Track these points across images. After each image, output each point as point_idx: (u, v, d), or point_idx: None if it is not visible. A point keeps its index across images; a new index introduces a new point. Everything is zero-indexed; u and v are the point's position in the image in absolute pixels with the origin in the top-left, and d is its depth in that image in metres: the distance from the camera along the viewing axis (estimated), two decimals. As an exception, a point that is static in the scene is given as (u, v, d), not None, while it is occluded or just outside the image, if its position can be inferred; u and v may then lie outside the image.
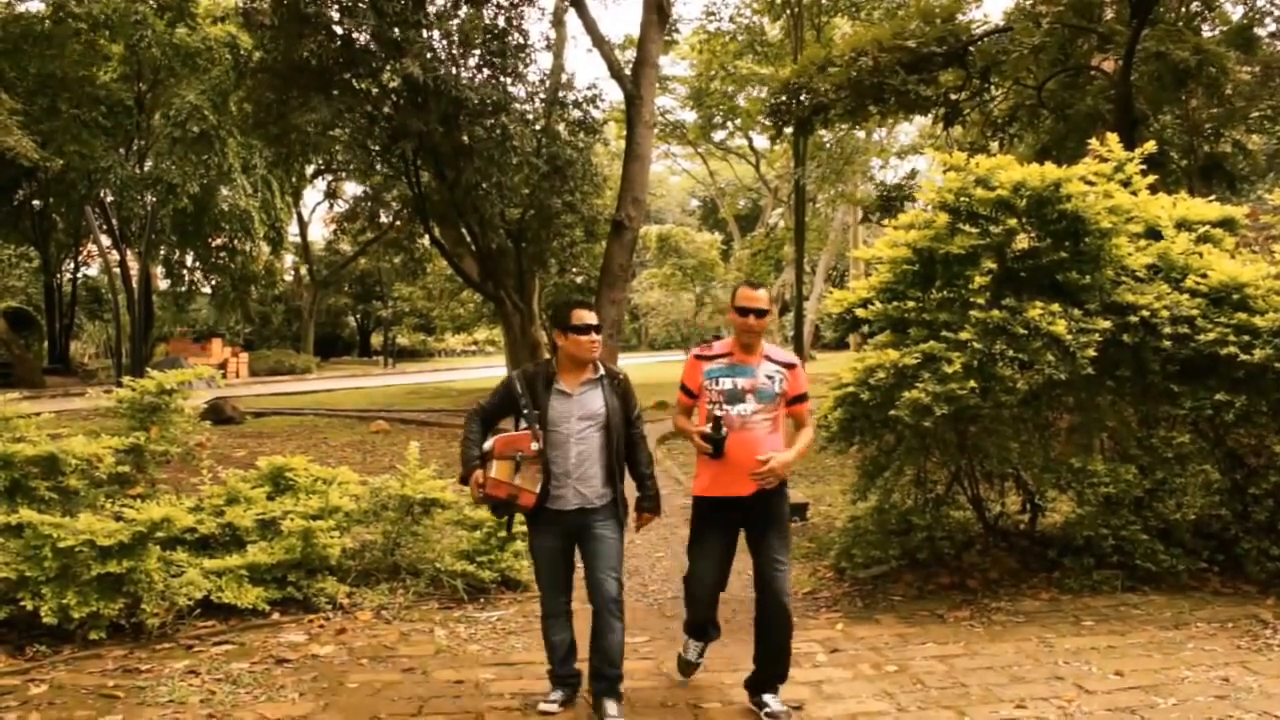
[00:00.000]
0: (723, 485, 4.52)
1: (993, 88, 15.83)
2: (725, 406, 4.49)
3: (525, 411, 4.45)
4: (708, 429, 4.45)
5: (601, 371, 4.58)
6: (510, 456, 4.40)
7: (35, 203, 30.32)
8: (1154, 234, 7.09)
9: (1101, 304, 6.47)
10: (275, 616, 6.03)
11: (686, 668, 4.98)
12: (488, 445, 4.48)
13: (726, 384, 4.53)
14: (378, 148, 18.90)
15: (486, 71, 18.35)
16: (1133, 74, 12.55)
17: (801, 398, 4.69)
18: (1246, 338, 6.25)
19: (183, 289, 36.01)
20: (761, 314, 4.57)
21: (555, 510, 4.47)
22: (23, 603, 5.23)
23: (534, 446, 4.40)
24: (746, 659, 5.23)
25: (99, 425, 7.68)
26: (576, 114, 20.03)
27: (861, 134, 32.42)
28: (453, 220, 20.53)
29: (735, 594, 6.93)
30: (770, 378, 4.54)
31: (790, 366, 4.65)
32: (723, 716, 4.55)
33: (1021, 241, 6.49)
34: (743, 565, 7.73)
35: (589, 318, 4.48)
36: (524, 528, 4.90)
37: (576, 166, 19.58)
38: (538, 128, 19.42)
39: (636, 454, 4.65)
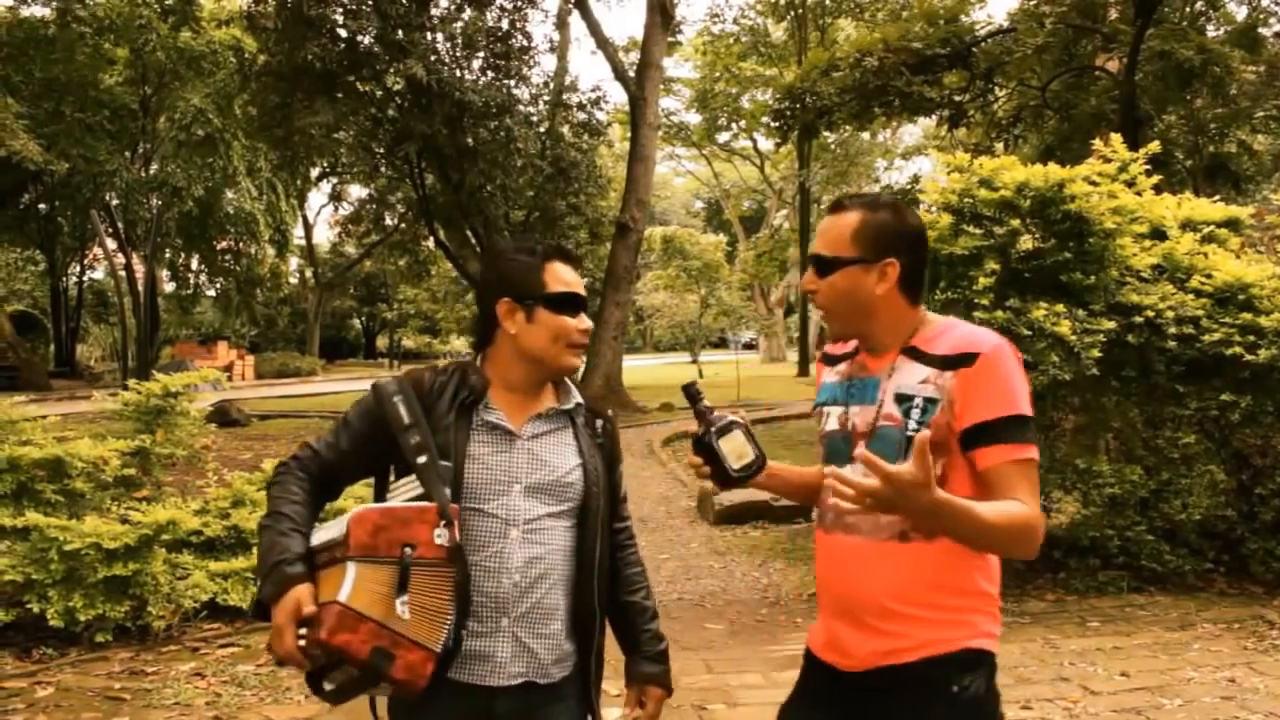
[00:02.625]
0: (823, 639, 2.15)
1: (997, 89, 15.84)
2: (827, 469, 2.06)
3: (420, 460, 2.02)
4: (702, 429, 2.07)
5: (576, 400, 2.22)
6: (388, 560, 1.91)
7: (41, 206, 30.38)
8: (1159, 234, 7.08)
9: (1106, 304, 6.46)
10: (281, 619, 6.03)
11: None
12: (328, 533, 1.98)
13: (832, 420, 2.13)
14: (382, 150, 18.94)
15: (490, 74, 18.38)
16: (1137, 74, 12.54)
17: (995, 429, 1.91)
18: (1252, 338, 6.24)
19: (188, 292, 36.15)
20: (829, 266, 2.05)
21: (467, 685, 2.04)
22: (29, 605, 5.24)
23: (439, 538, 1.94)
24: (754, 661, 5.24)
25: (105, 428, 7.70)
26: (580, 116, 20.08)
27: (866, 135, 32.41)
28: (457, 222, 20.55)
29: (739, 596, 6.94)
30: (905, 399, 1.97)
31: (963, 361, 1.93)
32: (728, 719, 4.55)
33: (1025, 242, 6.49)
34: (747, 567, 7.77)
35: (574, 277, 2.19)
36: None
37: (581, 168, 19.62)
38: (542, 130, 19.45)
39: (625, 567, 2.32)
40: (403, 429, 2.05)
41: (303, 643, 1.88)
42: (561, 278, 2.15)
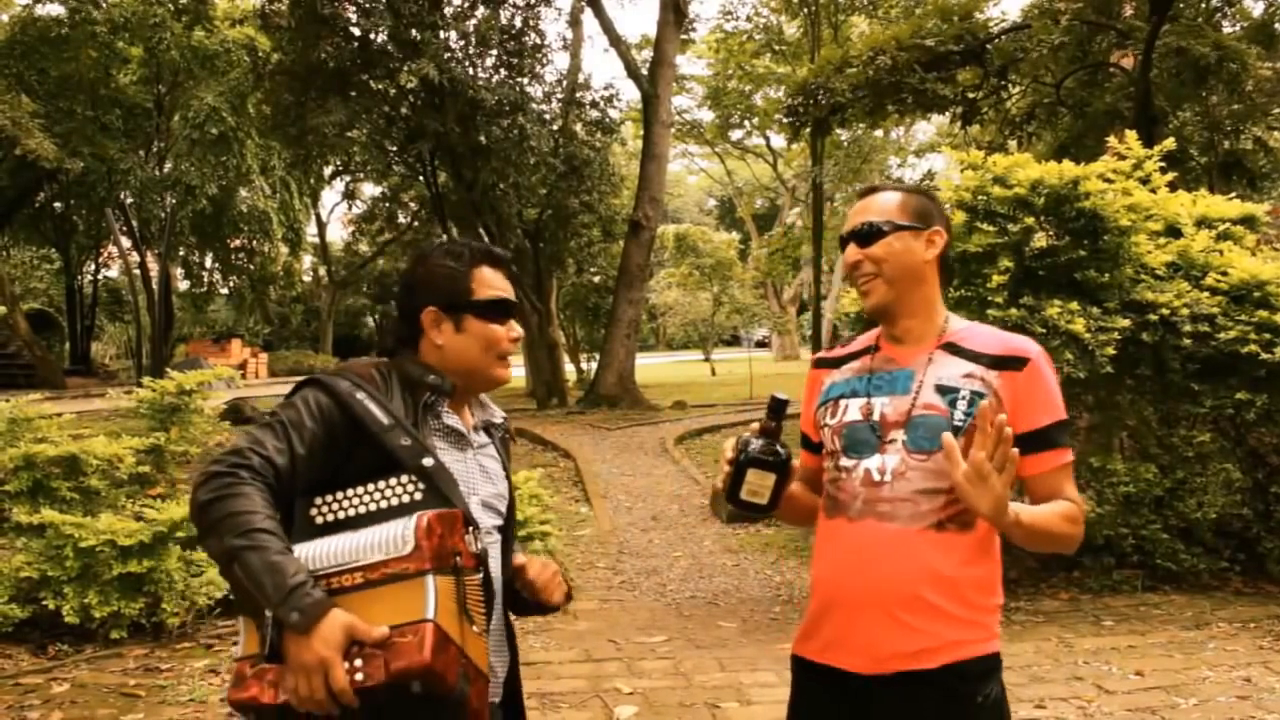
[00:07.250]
0: (825, 640, 2.06)
1: (1011, 86, 15.77)
2: (845, 459, 2.07)
3: (426, 463, 1.82)
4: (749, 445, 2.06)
5: (500, 415, 2.18)
6: (448, 571, 1.68)
7: (56, 205, 30.53)
8: (1174, 232, 7.05)
9: (1121, 302, 6.43)
10: (294, 616, 6.04)
11: None
12: (331, 552, 1.68)
13: (851, 410, 2.09)
14: (395, 148, 19.01)
15: (503, 72, 18.41)
16: (1152, 71, 12.47)
17: (1048, 435, 2.01)
18: (1268, 336, 6.20)
19: (202, 290, 36.27)
20: (870, 235, 2.08)
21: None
22: (45, 602, 5.27)
23: (471, 545, 1.78)
24: (764, 660, 5.24)
25: (120, 426, 7.75)
26: (593, 114, 20.09)
27: (879, 132, 32.32)
28: (470, 221, 20.59)
29: (752, 594, 6.94)
30: (949, 390, 2.00)
31: (1012, 364, 2.01)
32: (741, 717, 4.55)
33: (1040, 240, 6.46)
34: (760, 565, 7.76)
35: (503, 283, 2.06)
36: None
37: (593, 166, 19.63)
38: (555, 128, 19.46)
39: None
40: (385, 430, 1.82)
41: (359, 676, 1.57)
42: (490, 283, 2.02)
